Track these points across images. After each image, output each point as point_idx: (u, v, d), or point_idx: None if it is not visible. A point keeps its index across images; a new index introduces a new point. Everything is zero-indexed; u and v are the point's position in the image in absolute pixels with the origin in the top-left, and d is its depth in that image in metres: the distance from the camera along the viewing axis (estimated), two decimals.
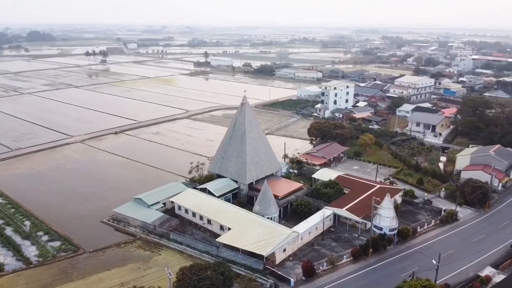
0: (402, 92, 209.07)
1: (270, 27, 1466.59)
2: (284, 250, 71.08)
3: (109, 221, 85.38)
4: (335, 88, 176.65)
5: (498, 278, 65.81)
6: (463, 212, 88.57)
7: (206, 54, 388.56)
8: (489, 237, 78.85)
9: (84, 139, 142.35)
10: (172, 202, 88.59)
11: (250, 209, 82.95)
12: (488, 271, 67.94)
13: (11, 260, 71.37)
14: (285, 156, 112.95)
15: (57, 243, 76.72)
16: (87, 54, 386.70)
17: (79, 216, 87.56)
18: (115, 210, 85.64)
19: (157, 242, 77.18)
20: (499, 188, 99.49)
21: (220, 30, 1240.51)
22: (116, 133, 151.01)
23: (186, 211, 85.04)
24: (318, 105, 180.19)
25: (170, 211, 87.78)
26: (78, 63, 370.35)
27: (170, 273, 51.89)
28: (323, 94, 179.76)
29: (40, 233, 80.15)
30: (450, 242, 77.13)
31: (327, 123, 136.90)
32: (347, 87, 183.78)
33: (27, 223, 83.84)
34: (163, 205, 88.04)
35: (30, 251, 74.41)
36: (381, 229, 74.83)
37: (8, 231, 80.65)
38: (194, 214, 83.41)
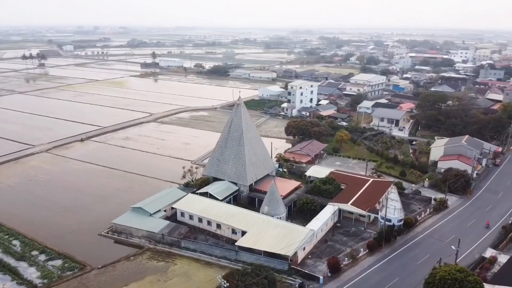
0: (358, 90, 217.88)
1: (208, 27, 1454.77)
2: (304, 248, 71.55)
3: (107, 233, 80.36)
4: (301, 88, 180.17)
5: (501, 257, 71.40)
6: (449, 200, 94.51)
7: (154, 55, 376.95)
8: (480, 221, 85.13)
9: (49, 148, 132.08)
10: (172, 208, 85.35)
11: (252, 210, 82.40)
12: (490, 252, 73.35)
13: (12, 285, 64.63)
14: (279, 155, 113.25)
15: (58, 262, 70.76)
16: (24, 57, 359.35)
17: (72, 231, 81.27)
18: (114, 221, 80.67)
19: (168, 251, 73.97)
20: (474, 175, 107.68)
21: (157, 30, 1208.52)
22: (82, 140, 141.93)
23: (191, 217, 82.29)
24: (285, 104, 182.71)
25: (171, 218, 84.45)
26: (13, 67, 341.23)
27: (224, 282, 49.99)
28: (289, 93, 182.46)
29: (35, 252, 73.37)
30: (448, 228, 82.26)
31: (304, 121, 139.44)
32: (312, 86, 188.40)
33: (16, 242, 76.27)
34: (164, 212, 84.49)
35: (30, 273, 67.86)
36: (389, 220, 77.89)
37: None
38: (200, 220, 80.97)
